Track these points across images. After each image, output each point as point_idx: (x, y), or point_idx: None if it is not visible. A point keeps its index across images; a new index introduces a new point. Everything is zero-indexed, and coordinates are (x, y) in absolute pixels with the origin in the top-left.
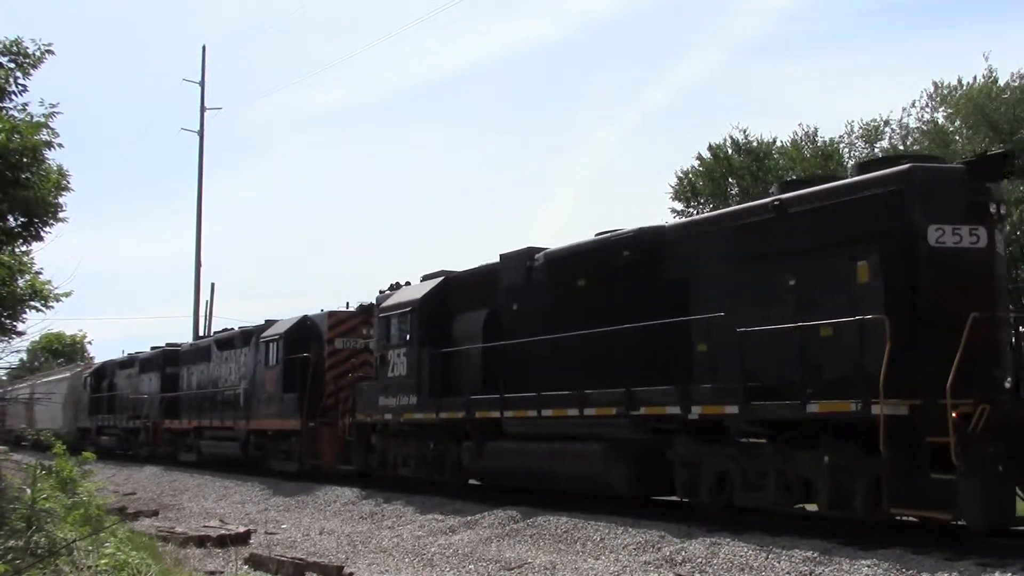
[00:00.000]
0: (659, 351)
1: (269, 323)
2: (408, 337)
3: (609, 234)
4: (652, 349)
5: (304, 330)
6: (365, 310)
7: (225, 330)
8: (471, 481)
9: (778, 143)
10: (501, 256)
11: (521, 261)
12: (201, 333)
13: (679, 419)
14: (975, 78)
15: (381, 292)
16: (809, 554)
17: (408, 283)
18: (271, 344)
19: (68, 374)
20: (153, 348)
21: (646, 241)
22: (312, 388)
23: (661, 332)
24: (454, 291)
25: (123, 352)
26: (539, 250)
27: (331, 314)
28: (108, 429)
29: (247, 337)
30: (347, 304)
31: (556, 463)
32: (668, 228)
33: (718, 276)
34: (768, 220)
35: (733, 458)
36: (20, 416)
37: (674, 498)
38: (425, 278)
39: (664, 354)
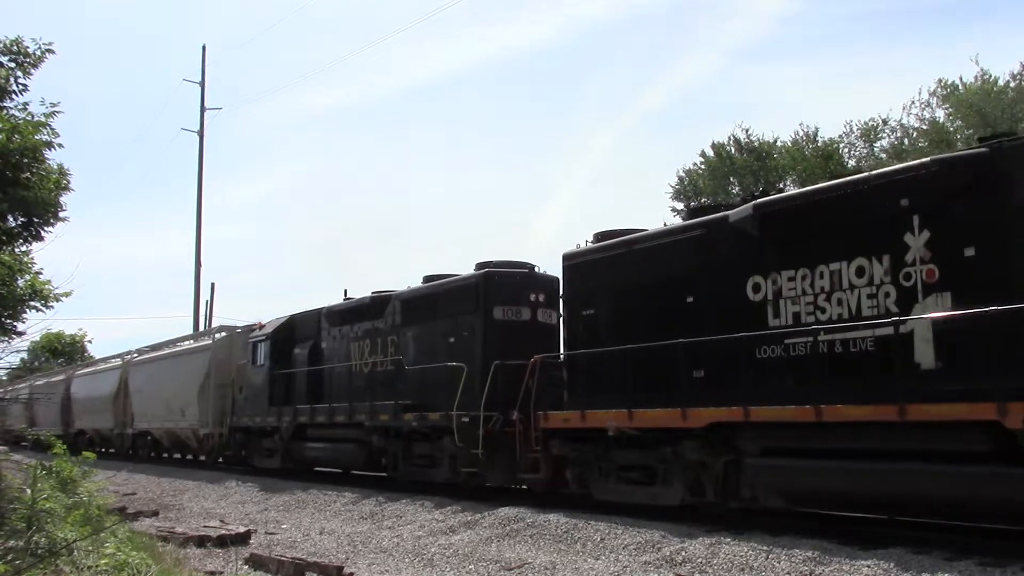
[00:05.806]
0: None
1: None
2: None
3: None
4: None
5: None
6: None
7: (757, 194)
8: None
9: (779, 143)
10: None
11: None
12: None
13: None
14: (977, 77)
15: None
16: (809, 554)
17: None
18: None
19: (208, 341)
20: (428, 278)
21: None
22: None
23: None
24: None
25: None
26: None
27: None
28: (324, 430)
29: (937, 173)
30: None
31: None
32: None
33: None
34: None
35: None
36: (103, 411)
37: None
38: None
39: None
